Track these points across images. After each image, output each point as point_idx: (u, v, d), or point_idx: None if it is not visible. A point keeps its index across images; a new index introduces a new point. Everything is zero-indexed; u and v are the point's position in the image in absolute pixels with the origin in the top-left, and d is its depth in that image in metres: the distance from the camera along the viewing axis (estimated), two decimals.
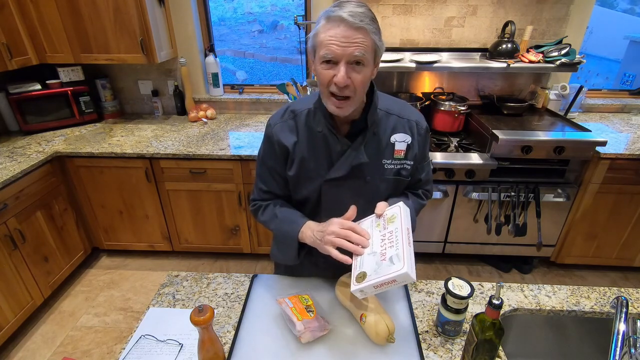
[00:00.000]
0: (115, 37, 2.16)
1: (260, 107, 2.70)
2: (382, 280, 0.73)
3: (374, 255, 0.79)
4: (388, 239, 0.79)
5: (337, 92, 0.83)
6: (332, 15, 0.79)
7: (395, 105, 1.00)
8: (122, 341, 1.93)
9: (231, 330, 0.94)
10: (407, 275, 0.71)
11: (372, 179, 0.98)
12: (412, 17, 2.34)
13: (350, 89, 0.83)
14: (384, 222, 0.85)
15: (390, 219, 0.84)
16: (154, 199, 2.26)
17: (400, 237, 0.77)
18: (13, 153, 2.06)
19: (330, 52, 0.79)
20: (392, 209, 0.87)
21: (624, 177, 2.03)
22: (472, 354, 0.79)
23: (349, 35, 0.78)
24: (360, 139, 0.94)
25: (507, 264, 2.41)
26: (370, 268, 0.77)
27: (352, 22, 0.77)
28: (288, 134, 0.98)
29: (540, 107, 2.43)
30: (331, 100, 0.86)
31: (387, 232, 0.81)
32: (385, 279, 0.72)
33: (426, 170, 1.07)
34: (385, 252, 0.77)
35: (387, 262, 0.75)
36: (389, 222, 0.83)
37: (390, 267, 0.73)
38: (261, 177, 1.07)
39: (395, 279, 0.72)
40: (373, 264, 0.77)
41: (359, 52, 0.79)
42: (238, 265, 2.50)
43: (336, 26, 0.78)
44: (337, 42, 0.78)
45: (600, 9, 9.02)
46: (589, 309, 1.00)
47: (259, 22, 12.74)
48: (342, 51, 0.79)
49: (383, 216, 0.87)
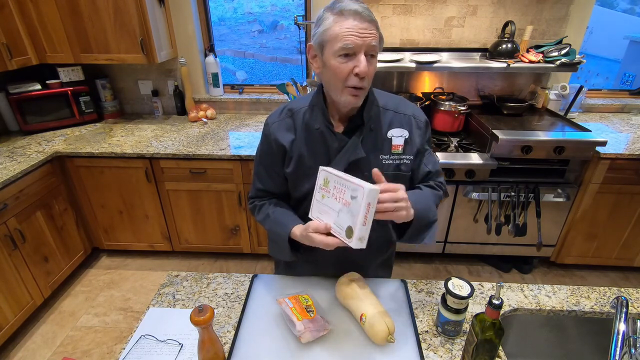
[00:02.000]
0: (115, 37, 2.16)
1: (260, 107, 2.71)
2: (363, 214, 0.77)
3: (341, 211, 0.83)
4: (337, 192, 0.84)
5: (357, 83, 0.85)
6: (345, 9, 0.81)
7: (392, 100, 1.00)
8: (122, 341, 1.93)
9: (231, 330, 0.94)
10: (371, 190, 0.76)
11: (370, 175, 0.97)
12: (412, 17, 2.34)
13: (367, 80, 0.85)
14: (324, 190, 0.89)
15: (325, 183, 0.88)
16: (154, 199, 2.26)
17: (342, 181, 0.82)
18: (13, 153, 2.06)
19: (351, 43, 0.81)
20: (319, 177, 0.90)
21: (624, 177, 2.03)
22: (472, 354, 0.79)
23: (366, 27, 0.81)
24: (357, 134, 0.95)
25: (507, 264, 2.41)
26: (347, 220, 0.81)
27: (367, 15, 0.81)
28: (285, 133, 0.98)
29: (540, 107, 2.43)
30: (348, 91, 0.87)
31: (332, 190, 0.86)
32: (363, 210, 0.77)
33: (432, 161, 1.06)
34: (345, 200, 0.82)
35: (352, 202, 0.79)
36: (326, 185, 0.88)
37: (357, 200, 0.78)
38: (258, 175, 1.08)
39: (368, 202, 0.77)
40: (346, 215, 0.81)
41: (375, 42, 0.82)
42: (238, 265, 2.50)
43: (352, 19, 0.81)
44: (356, 34, 0.80)
45: (600, 9, 9.02)
46: (589, 309, 1.00)
47: (259, 22, 12.75)
48: (362, 42, 0.81)
49: (320, 187, 0.90)
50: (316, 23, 0.87)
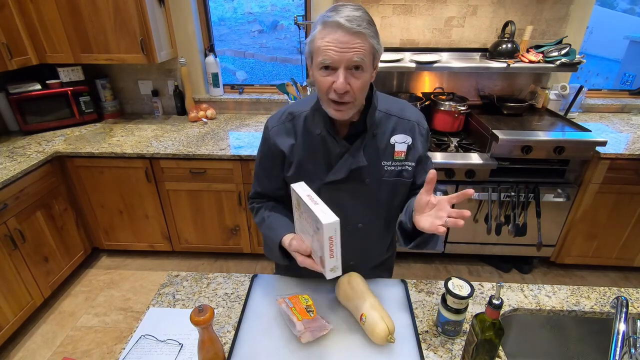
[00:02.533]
0: (115, 37, 2.16)
1: (260, 107, 2.71)
2: (328, 248, 0.75)
3: (313, 237, 0.81)
4: (308, 217, 0.81)
5: (336, 98, 0.82)
6: (328, 20, 0.77)
7: (396, 105, 0.99)
8: (122, 341, 1.93)
9: (231, 330, 0.94)
10: (328, 225, 0.72)
11: (371, 182, 0.97)
12: (412, 17, 2.34)
13: (350, 94, 0.82)
14: (298, 211, 0.86)
15: (297, 205, 0.85)
16: (154, 199, 2.26)
17: (307, 209, 0.78)
18: (13, 153, 2.06)
19: (329, 58, 0.78)
20: (293, 196, 0.87)
21: (624, 177, 2.03)
22: (472, 354, 0.79)
23: (347, 41, 0.76)
24: (359, 141, 0.93)
25: (507, 264, 2.41)
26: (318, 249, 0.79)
27: (350, 27, 0.75)
28: (285, 137, 0.98)
29: (540, 107, 2.43)
30: (330, 104, 0.85)
31: (304, 214, 0.83)
32: (326, 244, 0.75)
33: (430, 168, 1.06)
34: (312, 226, 0.79)
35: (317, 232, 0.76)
36: (298, 207, 0.85)
37: (320, 232, 0.75)
38: (258, 177, 1.09)
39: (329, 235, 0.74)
40: (317, 244, 0.79)
41: (357, 57, 0.78)
42: (238, 265, 2.50)
43: (333, 32, 0.76)
44: (335, 48, 0.77)
45: (600, 9, 9.03)
46: (589, 309, 1.00)
47: (259, 22, 12.74)
48: (340, 57, 0.77)
49: (295, 207, 0.87)
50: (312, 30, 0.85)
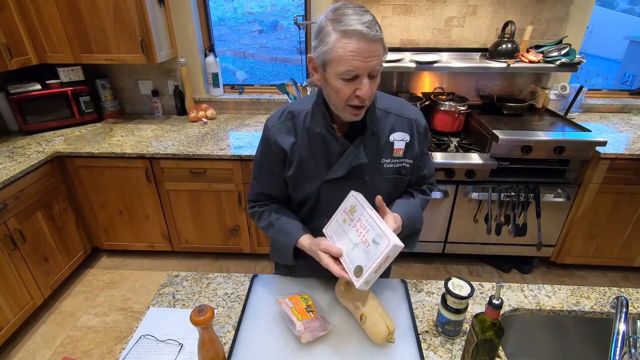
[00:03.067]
0: (115, 37, 2.16)
1: (260, 107, 2.70)
2: (378, 263, 0.77)
3: (357, 246, 0.82)
4: (360, 226, 0.83)
5: (358, 103, 0.84)
6: (349, 29, 0.76)
7: (394, 103, 1.00)
8: (122, 341, 1.93)
9: (231, 330, 0.94)
10: (396, 246, 0.75)
11: (371, 179, 0.98)
12: (412, 17, 2.34)
13: (369, 98, 0.84)
14: (347, 215, 0.88)
15: (351, 210, 0.87)
16: (154, 199, 2.26)
17: (370, 220, 0.81)
18: (13, 153, 2.06)
19: (354, 69, 0.78)
20: (347, 200, 0.90)
21: (624, 177, 2.03)
22: (472, 354, 0.79)
23: (370, 50, 0.77)
24: (359, 139, 0.94)
25: (507, 264, 2.41)
26: (361, 259, 0.80)
27: (373, 36, 0.76)
28: (286, 136, 0.98)
29: (540, 107, 2.43)
30: (349, 109, 0.86)
31: (355, 222, 0.85)
32: (380, 259, 0.76)
33: (427, 165, 1.08)
34: (365, 238, 0.81)
35: (372, 245, 0.78)
36: (352, 212, 0.87)
37: (378, 247, 0.77)
38: (258, 178, 1.07)
39: (389, 255, 0.76)
40: (361, 254, 0.81)
41: (379, 65, 0.80)
42: (238, 265, 2.50)
43: (356, 41, 0.76)
44: (360, 58, 0.77)
45: (600, 9, 9.02)
46: (589, 309, 1.00)
47: (259, 22, 12.74)
48: (365, 66, 0.78)
49: (344, 210, 0.90)
50: (318, 35, 0.82)
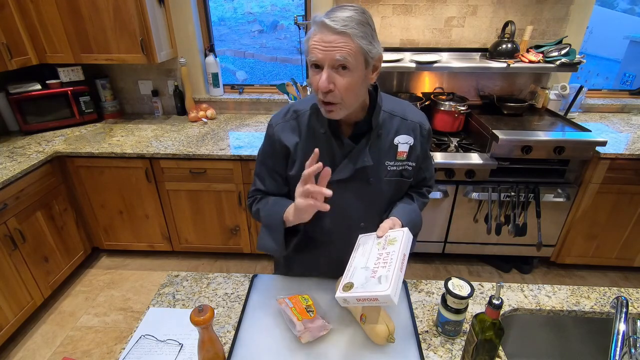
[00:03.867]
0: (115, 37, 2.16)
1: (260, 107, 2.70)
2: (365, 296, 0.74)
3: (366, 270, 0.81)
4: (383, 259, 0.81)
5: (321, 97, 0.84)
6: (316, 20, 0.80)
7: (399, 106, 1.00)
8: (122, 341, 1.93)
9: (231, 330, 0.94)
10: (389, 297, 0.72)
11: (375, 181, 0.98)
12: (412, 17, 2.34)
13: (335, 94, 0.82)
14: (385, 242, 0.86)
15: (391, 241, 0.85)
16: (154, 199, 2.26)
17: (394, 261, 0.78)
18: (13, 153, 2.06)
19: (314, 56, 0.80)
20: (396, 232, 0.87)
21: (624, 177, 2.03)
22: (472, 354, 0.79)
23: (331, 40, 0.78)
24: (364, 141, 0.94)
25: (507, 264, 2.41)
26: (358, 281, 0.79)
27: (333, 27, 0.77)
28: (290, 134, 0.98)
29: (540, 107, 2.43)
30: (321, 103, 0.86)
31: (385, 252, 0.83)
32: (368, 295, 0.74)
33: (429, 167, 1.09)
34: (377, 270, 0.79)
35: (375, 279, 0.76)
36: (390, 243, 0.85)
37: (377, 285, 0.75)
38: (259, 176, 1.07)
39: (378, 298, 0.73)
40: (362, 278, 0.79)
41: (340, 55, 0.78)
42: (238, 265, 2.50)
43: (319, 31, 0.79)
44: (320, 47, 0.79)
45: (600, 9, 9.03)
46: (589, 309, 1.00)
47: (259, 22, 12.74)
48: (324, 55, 0.79)
49: (385, 237, 0.88)
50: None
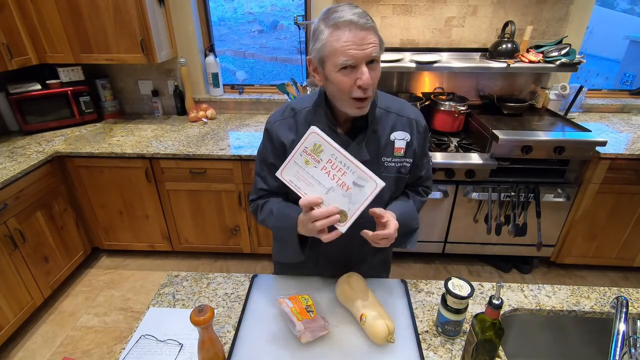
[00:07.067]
0: (115, 37, 2.16)
1: (260, 107, 2.70)
2: (366, 205, 0.75)
3: (332, 190, 0.76)
4: (333, 168, 0.76)
5: (361, 95, 0.83)
6: (339, 21, 0.78)
7: (394, 103, 1.00)
8: (122, 341, 1.93)
9: (231, 330, 0.95)
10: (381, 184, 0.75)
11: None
12: (412, 17, 2.34)
13: (371, 88, 0.84)
14: (311, 156, 0.79)
15: (315, 150, 0.79)
16: (154, 199, 2.26)
17: (345, 161, 0.76)
18: (13, 153, 2.06)
19: (351, 57, 0.79)
20: (308, 138, 0.79)
21: (624, 177, 2.03)
22: (472, 354, 0.79)
23: (363, 37, 0.78)
24: (361, 137, 0.94)
25: (507, 264, 2.41)
26: (342, 203, 0.76)
27: (364, 23, 0.78)
28: (287, 132, 0.98)
29: (540, 107, 2.43)
30: (353, 103, 0.86)
31: (324, 163, 0.77)
32: (368, 202, 0.75)
33: (426, 167, 1.09)
34: (343, 181, 0.75)
35: (354, 188, 0.75)
36: (316, 153, 0.79)
37: (363, 190, 0.75)
38: (261, 175, 1.07)
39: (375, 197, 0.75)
40: (341, 198, 0.76)
41: (375, 51, 0.80)
42: (238, 265, 2.50)
43: (348, 31, 0.78)
44: (355, 46, 0.78)
45: (600, 9, 9.02)
46: (589, 309, 1.00)
47: (259, 22, 12.74)
48: (362, 54, 0.79)
49: (304, 150, 0.81)
50: (313, 37, 0.85)
